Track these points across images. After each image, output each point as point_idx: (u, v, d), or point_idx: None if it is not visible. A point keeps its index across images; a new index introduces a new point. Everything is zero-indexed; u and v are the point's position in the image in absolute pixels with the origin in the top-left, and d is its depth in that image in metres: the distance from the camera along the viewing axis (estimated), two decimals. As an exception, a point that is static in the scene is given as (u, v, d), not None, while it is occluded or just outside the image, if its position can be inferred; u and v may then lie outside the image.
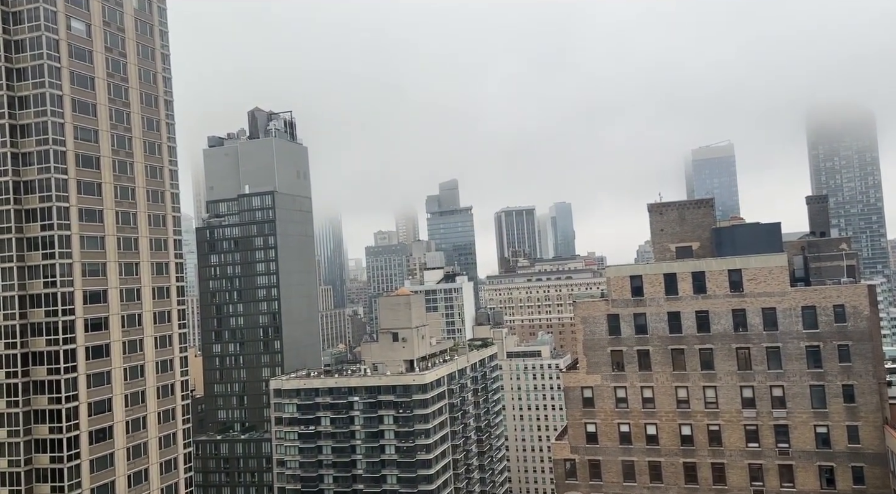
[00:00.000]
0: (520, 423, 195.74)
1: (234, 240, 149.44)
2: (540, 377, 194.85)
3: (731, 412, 58.96)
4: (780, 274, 58.29)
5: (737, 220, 77.11)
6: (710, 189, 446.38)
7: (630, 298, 62.90)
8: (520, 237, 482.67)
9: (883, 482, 53.91)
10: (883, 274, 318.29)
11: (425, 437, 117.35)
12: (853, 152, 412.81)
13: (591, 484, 62.91)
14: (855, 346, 55.58)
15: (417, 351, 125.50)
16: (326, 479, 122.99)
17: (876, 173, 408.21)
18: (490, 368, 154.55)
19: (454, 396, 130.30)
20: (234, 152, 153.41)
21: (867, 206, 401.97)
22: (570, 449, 64.17)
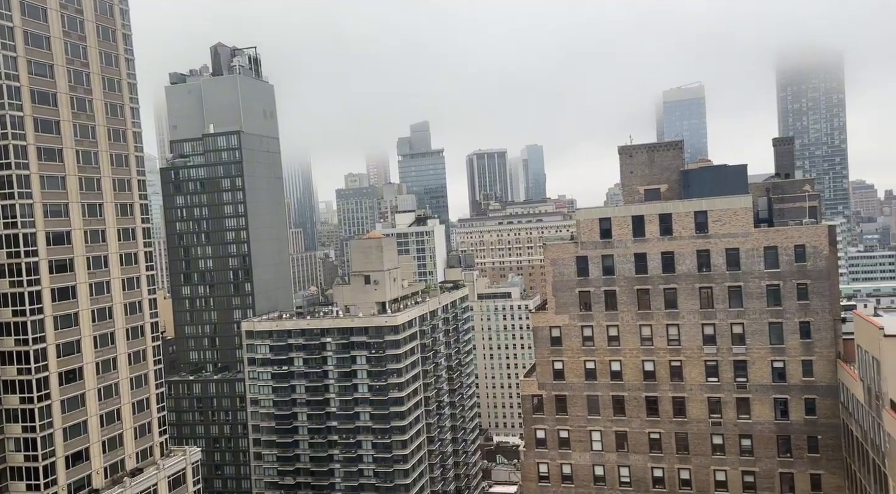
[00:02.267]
0: (490, 362, 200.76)
1: (200, 181, 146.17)
2: (510, 318, 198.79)
3: (693, 348, 61.18)
4: (745, 215, 59.52)
5: (705, 163, 77.89)
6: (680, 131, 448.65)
7: (599, 240, 63.82)
8: (491, 180, 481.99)
9: (833, 412, 57.04)
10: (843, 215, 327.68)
11: (397, 376, 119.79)
12: (820, 94, 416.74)
13: (557, 418, 65.34)
14: (813, 285, 57.61)
15: (389, 294, 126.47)
16: (300, 417, 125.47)
17: (841, 115, 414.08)
18: (461, 309, 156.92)
19: (426, 337, 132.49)
20: (197, 90, 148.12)
21: (831, 148, 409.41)
22: (537, 386, 66.23)
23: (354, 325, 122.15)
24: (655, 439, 62.46)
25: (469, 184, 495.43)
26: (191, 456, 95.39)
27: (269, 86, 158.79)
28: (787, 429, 58.55)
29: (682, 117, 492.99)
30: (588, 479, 64.39)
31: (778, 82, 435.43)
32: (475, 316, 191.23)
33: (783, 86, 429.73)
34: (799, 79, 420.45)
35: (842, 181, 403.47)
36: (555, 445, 65.33)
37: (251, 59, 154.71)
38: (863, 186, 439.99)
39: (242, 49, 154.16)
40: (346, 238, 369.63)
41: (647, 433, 62.72)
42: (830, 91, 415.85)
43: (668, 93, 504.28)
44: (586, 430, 64.49)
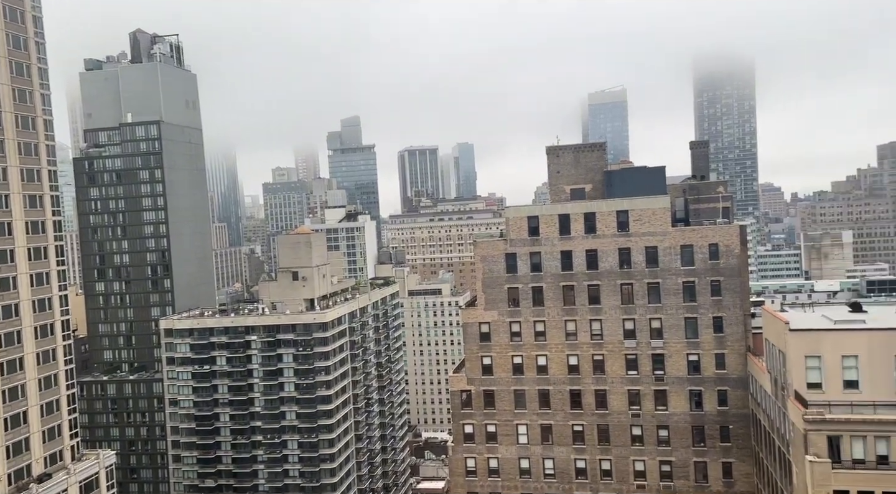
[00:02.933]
0: (420, 359, 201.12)
1: (117, 172, 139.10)
2: (440, 314, 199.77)
3: (615, 343, 63.33)
4: (663, 215, 62.08)
5: (626, 164, 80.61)
6: (604, 133, 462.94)
7: (527, 238, 65.01)
8: (423, 177, 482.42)
9: (743, 403, 60.40)
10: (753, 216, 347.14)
11: (325, 374, 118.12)
12: (733, 100, 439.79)
13: (485, 413, 66.18)
14: (726, 281, 60.77)
15: (318, 290, 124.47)
16: (223, 417, 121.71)
17: (752, 120, 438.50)
18: (391, 306, 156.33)
19: (355, 334, 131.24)
20: (114, 77, 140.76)
21: (743, 152, 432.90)
22: (466, 381, 66.86)
23: (281, 322, 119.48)
24: (578, 431, 64.31)
25: (400, 181, 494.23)
26: (104, 460, 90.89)
27: (192, 76, 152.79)
28: (701, 420, 61.56)
29: (605, 119, 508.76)
30: (514, 472, 65.59)
31: (695, 88, 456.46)
32: (405, 313, 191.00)
33: (699, 92, 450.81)
34: (714, 85, 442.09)
35: (752, 183, 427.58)
36: (482, 439, 66.16)
37: (173, 47, 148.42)
38: (771, 188, 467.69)
39: (164, 36, 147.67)
40: (273, 233, 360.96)
41: (570, 425, 64.47)
42: (742, 98, 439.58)
43: (593, 96, 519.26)
44: (513, 424, 65.62)
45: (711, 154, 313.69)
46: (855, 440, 41.72)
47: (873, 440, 41.38)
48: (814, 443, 42.34)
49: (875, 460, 41.26)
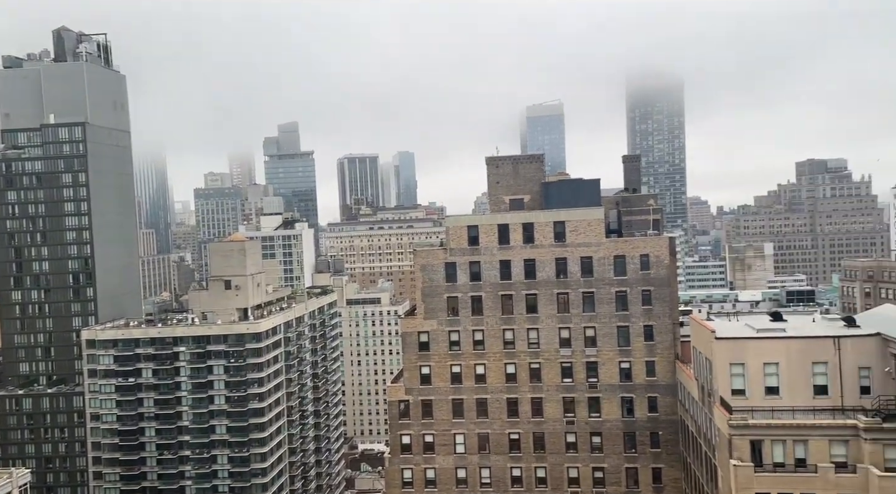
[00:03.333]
0: (357, 369, 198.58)
1: (37, 175, 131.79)
2: (379, 323, 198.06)
3: (551, 351, 64.31)
4: (598, 226, 63.70)
5: (563, 176, 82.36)
6: (542, 145, 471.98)
7: (467, 247, 65.36)
8: (363, 185, 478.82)
9: (672, 409, 62.34)
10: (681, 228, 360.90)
11: (258, 386, 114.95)
12: (663, 116, 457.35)
13: (423, 423, 65.82)
14: (656, 291, 62.77)
15: (252, 299, 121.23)
16: (148, 432, 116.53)
17: (681, 136, 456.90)
18: (329, 315, 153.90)
19: (291, 344, 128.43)
20: (35, 75, 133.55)
21: (672, 166, 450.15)
22: (404, 391, 66.37)
23: (212, 333, 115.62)
24: (515, 439, 64.82)
25: (340, 188, 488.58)
26: (18, 479, 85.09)
27: (121, 77, 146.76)
28: (633, 426, 63.16)
29: (543, 132, 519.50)
30: (451, 482, 65.41)
31: (627, 104, 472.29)
32: (344, 323, 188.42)
33: (632, 108, 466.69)
34: (645, 102, 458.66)
35: (681, 197, 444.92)
36: (420, 450, 65.74)
37: (100, 46, 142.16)
38: (698, 202, 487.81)
39: (91, 35, 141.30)
40: (204, 240, 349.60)
41: (507, 434, 64.92)
42: (672, 114, 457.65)
43: (532, 109, 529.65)
44: (450, 434, 65.52)
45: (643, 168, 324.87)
46: (776, 444, 43.63)
47: (792, 444, 43.38)
48: (738, 448, 44.02)
49: (794, 463, 43.23)
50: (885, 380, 43.58)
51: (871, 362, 44.11)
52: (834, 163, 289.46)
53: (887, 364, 43.50)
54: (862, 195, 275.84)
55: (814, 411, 44.13)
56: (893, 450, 41.22)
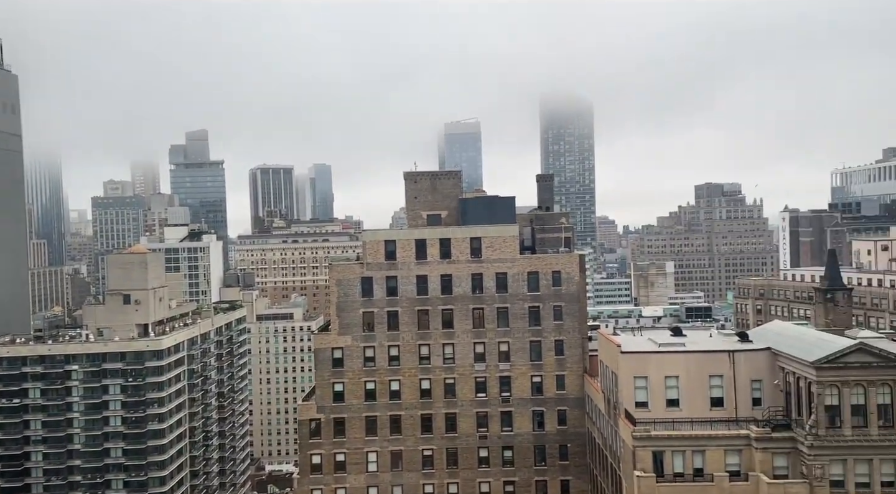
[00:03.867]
0: (267, 387, 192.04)
1: None
2: (291, 339, 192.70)
3: (466, 366, 64.71)
4: (513, 242, 65.05)
5: (479, 193, 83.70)
6: (460, 162, 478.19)
7: (384, 262, 64.92)
8: (276, 197, 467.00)
9: (580, 421, 64.06)
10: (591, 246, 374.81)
11: (158, 406, 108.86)
12: (575, 138, 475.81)
13: (334, 442, 64.34)
14: (567, 307, 64.63)
15: (153, 315, 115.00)
16: (34, 456, 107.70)
17: (591, 158, 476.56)
18: (237, 332, 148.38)
19: (195, 362, 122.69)
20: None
21: (583, 187, 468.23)
22: (316, 409, 64.72)
23: (108, 350, 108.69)
24: (428, 455, 64.53)
25: (252, 200, 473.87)
26: None
27: (13, 77, 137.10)
28: (543, 439, 64.39)
29: (461, 149, 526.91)
30: (363, 501, 64.12)
31: (541, 125, 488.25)
32: (253, 339, 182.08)
33: (545, 129, 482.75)
34: (558, 123, 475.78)
35: (590, 216, 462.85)
36: (330, 469, 64.15)
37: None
38: (606, 222, 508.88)
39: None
40: (102, 252, 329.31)
41: (420, 450, 64.54)
42: (583, 136, 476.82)
43: (450, 126, 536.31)
44: (363, 452, 64.40)
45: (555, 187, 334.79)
46: (676, 454, 45.65)
47: (691, 454, 45.53)
48: (641, 459, 45.70)
49: (692, 472, 45.37)
50: (774, 392, 46.66)
51: (762, 375, 47.13)
52: (729, 187, 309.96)
53: (776, 377, 46.61)
54: (754, 217, 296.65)
55: (710, 422, 46.57)
56: (781, 458, 44.09)
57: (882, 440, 42.01)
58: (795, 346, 46.03)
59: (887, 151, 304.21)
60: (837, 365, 42.21)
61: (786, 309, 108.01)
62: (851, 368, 42.24)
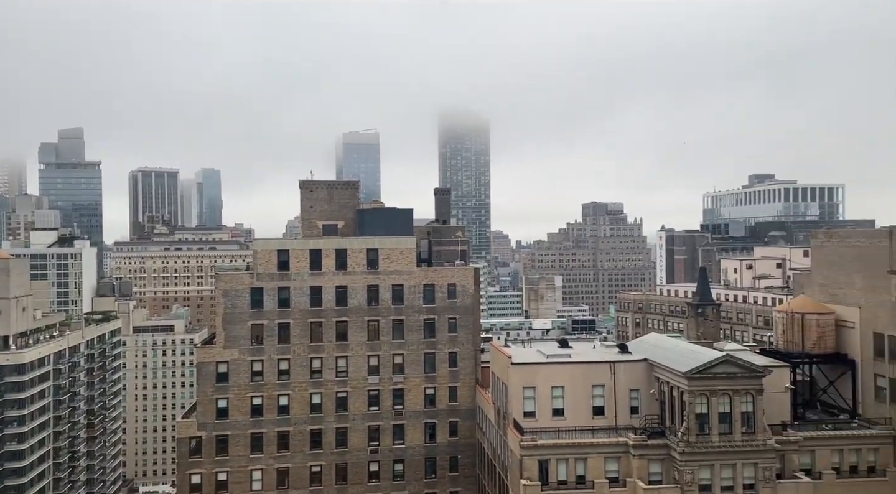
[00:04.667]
0: (143, 403, 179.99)
1: None
2: (171, 353, 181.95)
3: (359, 379, 63.86)
4: (410, 254, 65.20)
5: (377, 204, 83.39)
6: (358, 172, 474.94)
7: (276, 272, 62.98)
8: (159, 201, 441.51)
9: (471, 433, 64.92)
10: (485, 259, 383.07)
11: (18, 425, 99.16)
12: (472, 154, 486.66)
13: (216, 460, 61.26)
14: (461, 319, 65.52)
15: (15, 326, 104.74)
16: None
17: (487, 174, 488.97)
18: (111, 345, 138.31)
19: (62, 377, 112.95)
20: None
21: (478, 201, 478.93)
22: (197, 427, 61.42)
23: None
24: (317, 472, 62.93)
25: (131, 204, 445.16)
26: None
27: None
28: (434, 452, 64.64)
29: (359, 160, 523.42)
30: (247, 522, 61.37)
31: (440, 140, 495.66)
32: (129, 353, 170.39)
33: (444, 143, 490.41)
34: (456, 139, 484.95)
35: (485, 230, 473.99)
36: (211, 490, 60.94)
37: None
38: (500, 236, 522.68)
39: None
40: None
41: (309, 467, 62.83)
42: (479, 153, 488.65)
43: (348, 136, 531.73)
44: (247, 470, 61.75)
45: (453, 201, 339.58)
46: (560, 463, 47.25)
47: (574, 462, 47.29)
48: (527, 468, 46.93)
49: (575, 480, 47.12)
50: (651, 401, 49.53)
51: (639, 385, 49.90)
52: (613, 207, 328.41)
53: (652, 386, 49.53)
54: (635, 236, 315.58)
55: (593, 430, 48.67)
56: (656, 465, 46.77)
57: (744, 445, 45.61)
58: (670, 357, 49.16)
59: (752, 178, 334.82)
60: (707, 376, 45.46)
61: (661, 322, 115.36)
62: (719, 378, 45.62)
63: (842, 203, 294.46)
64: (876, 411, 51.31)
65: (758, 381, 46.05)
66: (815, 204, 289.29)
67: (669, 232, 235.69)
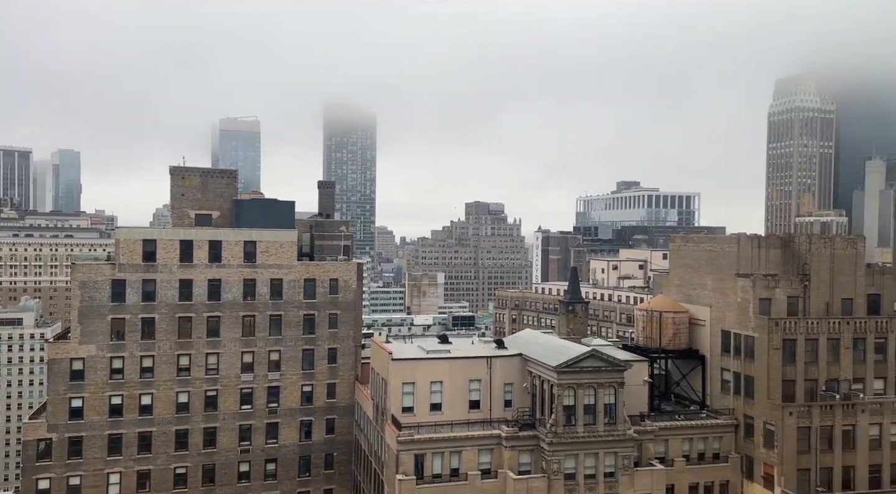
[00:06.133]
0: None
1: None
2: (18, 349, 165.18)
3: (231, 377, 61.31)
4: (290, 248, 63.44)
5: (257, 195, 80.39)
6: (236, 161, 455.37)
7: (141, 263, 59.04)
8: (7, 183, 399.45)
9: (349, 429, 64.37)
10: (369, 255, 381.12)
11: None
12: (358, 148, 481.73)
13: (68, 464, 56.55)
14: (342, 315, 64.71)
15: None
16: None
17: (372, 169, 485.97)
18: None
19: None
20: None
21: (363, 196, 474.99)
22: (46, 428, 56.34)
23: None
24: (181, 474, 59.81)
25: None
26: None
27: None
28: (309, 450, 63.44)
29: (238, 147, 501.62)
30: (102, 530, 57.12)
31: (325, 132, 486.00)
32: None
33: (329, 136, 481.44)
34: (341, 132, 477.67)
35: (369, 225, 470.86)
36: (63, 497, 56.12)
37: None
38: (385, 232, 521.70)
39: None
40: None
41: (173, 469, 59.56)
42: (365, 147, 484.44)
43: (226, 122, 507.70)
44: (104, 473, 57.50)
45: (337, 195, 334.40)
46: (435, 456, 48.10)
47: (449, 455, 48.33)
48: (403, 463, 47.36)
49: (449, 473, 48.16)
50: (524, 394, 51.62)
51: (513, 379, 51.85)
52: (494, 207, 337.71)
53: (525, 380, 51.61)
54: (514, 236, 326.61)
55: (468, 424, 49.97)
56: (526, 456, 48.83)
57: (606, 435, 48.71)
58: (542, 352, 51.48)
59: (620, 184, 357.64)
60: (574, 369, 48.07)
61: (536, 318, 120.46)
62: (585, 372, 48.40)
63: (697, 210, 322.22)
64: (722, 402, 56.64)
65: (620, 375, 49.32)
66: (674, 210, 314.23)
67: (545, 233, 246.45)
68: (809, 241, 56.73)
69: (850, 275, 56.16)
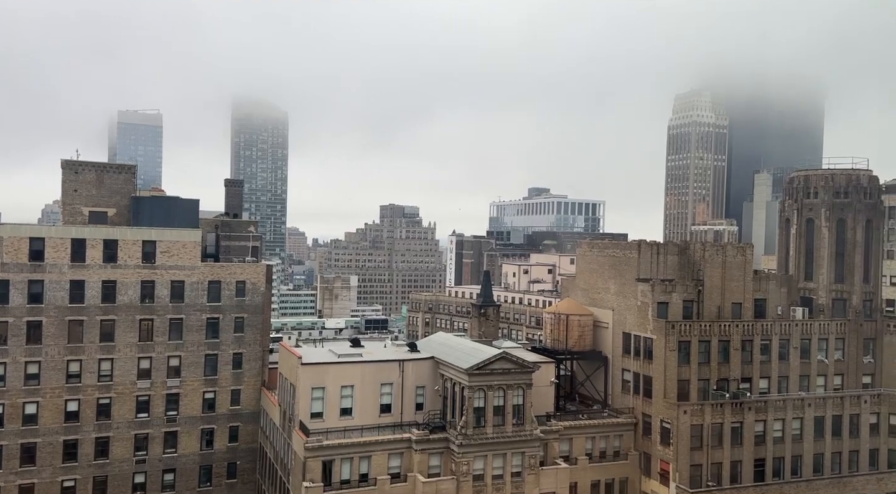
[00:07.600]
0: None
1: None
2: None
3: (126, 384, 57.94)
4: (193, 248, 60.71)
5: (157, 192, 76.40)
6: (135, 156, 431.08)
7: (27, 263, 54.86)
8: None
9: (253, 437, 62.27)
10: (279, 257, 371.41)
11: None
12: (268, 146, 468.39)
13: (-63, 484, 51.47)
14: (249, 318, 62.55)
15: None
16: None
17: (284, 168, 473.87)
18: None
19: None
20: None
21: (274, 196, 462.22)
22: (-90, 444, 50.98)
23: None
24: (70, 487, 55.95)
25: None
26: None
27: None
28: (211, 459, 60.89)
29: (137, 142, 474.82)
30: (-25, 554, 52.40)
31: (233, 128, 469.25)
32: None
33: (237, 132, 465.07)
34: (251, 128, 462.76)
35: (280, 226, 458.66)
36: (-71, 519, 51.00)
37: None
38: (296, 233, 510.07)
39: None
40: None
41: (60, 482, 55.60)
42: (276, 146, 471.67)
43: (125, 115, 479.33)
44: (-20, 492, 52.80)
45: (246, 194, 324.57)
46: (344, 462, 47.40)
47: (358, 460, 47.76)
48: (311, 469, 46.35)
49: (358, 479, 47.58)
50: (435, 397, 51.80)
51: (425, 381, 51.95)
52: (409, 210, 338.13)
53: (437, 383, 51.82)
54: (428, 239, 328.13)
55: (379, 428, 49.60)
56: (436, 458, 49.02)
57: (514, 436, 49.71)
58: (453, 355, 51.89)
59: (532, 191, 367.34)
60: (485, 372, 48.77)
61: (449, 321, 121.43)
62: (496, 374, 49.20)
63: (603, 217, 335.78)
64: (622, 401, 59.18)
65: (528, 376, 50.50)
66: (581, 217, 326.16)
67: (460, 236, 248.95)
68: (703, 249, 60.41)
69: (739, 281, 60.23)
